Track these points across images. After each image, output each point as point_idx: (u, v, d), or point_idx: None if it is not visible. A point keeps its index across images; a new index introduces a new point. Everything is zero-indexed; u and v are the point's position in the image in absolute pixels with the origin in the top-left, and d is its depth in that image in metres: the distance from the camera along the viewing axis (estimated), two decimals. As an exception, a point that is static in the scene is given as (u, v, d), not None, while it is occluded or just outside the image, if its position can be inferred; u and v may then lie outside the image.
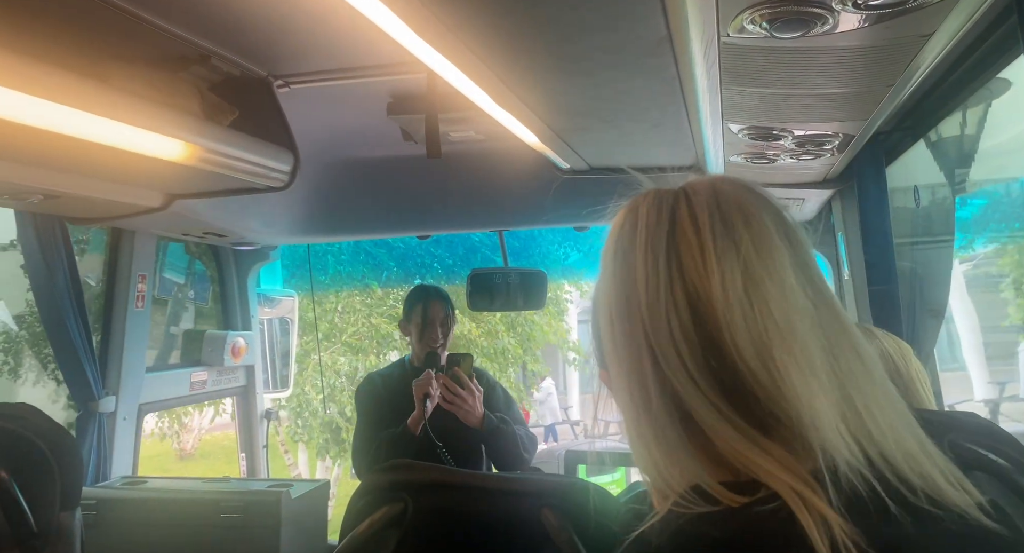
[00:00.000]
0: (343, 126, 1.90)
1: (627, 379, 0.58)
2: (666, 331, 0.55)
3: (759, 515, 0.51)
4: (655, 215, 0.60)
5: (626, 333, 0.58)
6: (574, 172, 1.90)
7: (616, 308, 0.59)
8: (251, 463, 2.94)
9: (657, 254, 0.57)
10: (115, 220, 2.09)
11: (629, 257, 0.59)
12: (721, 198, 0.59)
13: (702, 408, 0.54)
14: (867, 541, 0.48)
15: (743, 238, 0.57)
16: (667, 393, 0.55)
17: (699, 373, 0.54)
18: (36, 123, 1.09)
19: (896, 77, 0.93)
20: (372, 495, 1.01)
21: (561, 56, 0.97)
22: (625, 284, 0.59)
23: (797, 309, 0.55)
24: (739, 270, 0.55)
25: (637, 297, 0.57)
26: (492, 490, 0.99)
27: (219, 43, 1.39)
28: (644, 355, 0.56)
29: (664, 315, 0.55)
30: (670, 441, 0.56)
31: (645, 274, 0.57)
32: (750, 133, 1.28)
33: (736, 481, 0.54)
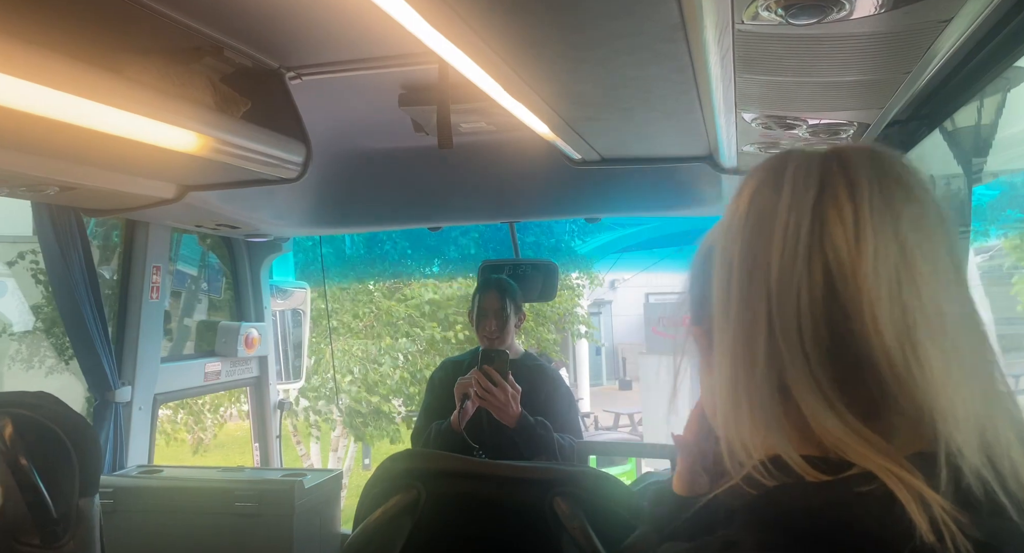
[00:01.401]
0: (355, 117, 1.90)
1: (733, 341, 0.56)
2: (793, 302, 0.53)
3: (851, 491, 0.50)
4: (803, 177, 0.55)
5: (746, 296, 0.55)
6: (585, 163, 1.90)
7: (741, 268, 0.56)
8: (264, 453, 2.96)
9: (801, 219, 0.54)
10: (129, 212, 2.11)
11: (767, 217, 0.55)
12: (881, 168, 0.56)
13: (804, 386, 0.52)
14: (970, 526, 0.47)
15: (903, 214, 0.53)
16: (774, 364, 0.53)
17: (814, 350, 0.52)
18: (51, 115, 1.10)
19: (913, 64, 0.92)
20: (386, 483, 1.02)
21: (574, 44, 0.96)
22: (756, 245, 0.55)
23: (948, 297, 0.52)
24: (895, 247, 0.52)
25: (768, 260, 0.54)
26: (504, 478, 1.00)
27: (232, 35, 1.40)
28: (760, 321, 0.54)
29: (795, 284, 0.53)
30: (765, 410, 0.54)
31: (783, 238, 0.54)
32: (764, 122, 1.27)
33: (822, 457, 0.52)
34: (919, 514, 0.47)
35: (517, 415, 2.17)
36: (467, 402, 2.17)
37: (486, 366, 2.21)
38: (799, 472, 0.52)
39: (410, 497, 1.01)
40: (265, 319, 2.98)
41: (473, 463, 1.04)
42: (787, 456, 0.53)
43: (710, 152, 1.75)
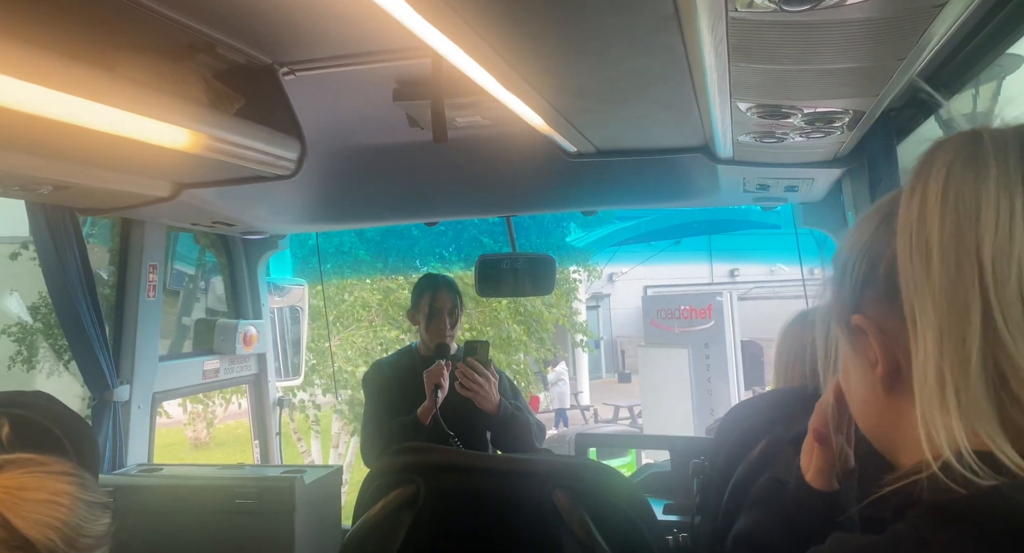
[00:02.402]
0: (349, 113, 1.90)
1: (938, 330, 0.52)
2: (1015, 282, 0.50)
3: None
4: (1005, 151, 0.53)
5: (953, 279, 0.52)
6: (581, 156, 1.90)
7: (944, 250, 0.53)
8: (264, 450, 2.96)
9: (1014, 195, 0.51)
10: (124, 210, 2.10)
11: (970, 192, 0.53)
12: None
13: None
14: None
15: None
16: (989, 349, 0.51)
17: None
18: (44, 113, 1.10)
19: (907, 50, 0.92)
20: (385, 478, 1.02)
21: (568, 36, 0.96)
22: (962, 225, 0.52)
23: None
24: None
25: (977, 240, 0.51)
26: (504, 471, 1.00)
27: (224, 31, 1.39)
28: (974, 306, 0.51)
29: (1015, 264, 0.50)
30: (976, 403, 0.51)
31: (996, 216, 0.51)
32: (759, 111, 1.27)
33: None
34: None
35: (497, 402, 2.27)
36: (439, 393, 2.22)
37: (470, 358, 2.27)
38: (1017, 471, 0.49)
39: (409, 491, 1.01)
40: (263, 316, 2.97)
41: (473, 457, 1.04)
42: (1001, 452, 0.49)
43: (705, 142, 1.75)
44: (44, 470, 0.97)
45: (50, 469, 0.97)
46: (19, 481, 0.94)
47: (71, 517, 0.96)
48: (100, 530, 1.01)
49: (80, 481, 0.99)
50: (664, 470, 2.05)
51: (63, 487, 0.97)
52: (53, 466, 0.98)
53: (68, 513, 0.96)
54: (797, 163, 1.83)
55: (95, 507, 1.00)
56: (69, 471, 0.99)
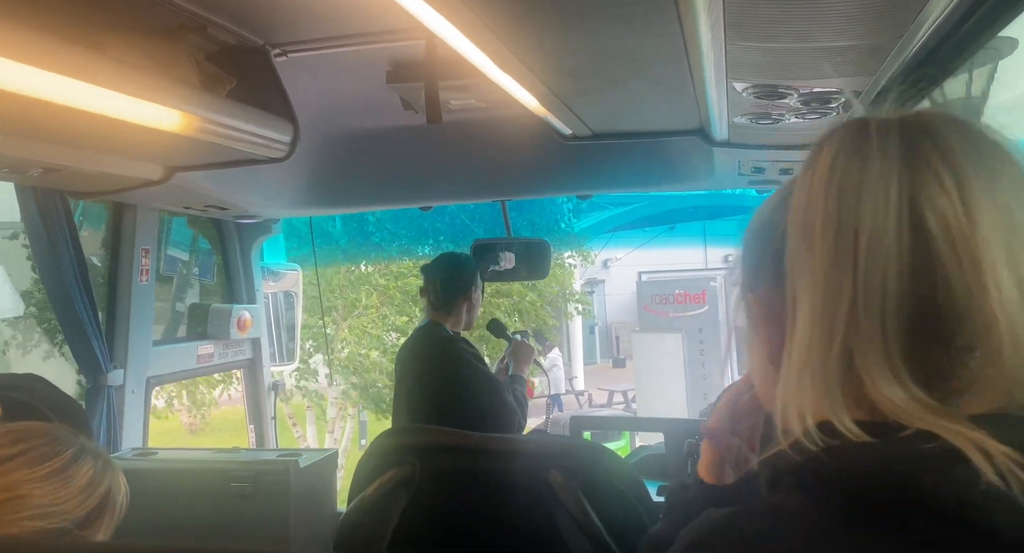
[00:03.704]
0: (342, 96, 1.88)
1: (813, 309, 0.54)
2: (880, 269, 0.52)
3: (910, 448, 0.50)
4: (886, 141, 0.54)
5: (831, 263, 0.54)
6: (577, 138, 1.89)
7: (824, 235, 0.54)
8: (260, 434, 2.97)
9: (890, 182, 0.52)
10: (116, 194, 2.09)
11: (852, 181, 0.54)
12: (972, 132, 0.54)
13: (873, 355, 0.52)
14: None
15: (1003, 178, 0.53)
16: (849, 332, 0.53)
17: (892, 319, 0.52)
18: (33, 94, 1.08)
19: (905, 27, 0.91)
20: (380, 458, 1.02)
21: (562, 13, 0.95)
22: (843, 211, 0.54)
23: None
24: (998, 213, 0.51)
25: (857, 225, 0.53)
26: (499, 452, 1.00)
27: (215, 12, 1.37)
28: (845, 289, 0.53)
29: (884, 253, 0.52)
30: (828, 378, 0.53)
31: (873, 204, 0.52)
32: (755, 91, 1.26)
33: (873, 421, 0.52)
34: (984, 462, 0.47)
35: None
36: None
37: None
38: (849, 436, 0.51)
39: (405, 472, 1.01)
40: (257, 301, 2.97)
41: (468, 437, 1.05)
42: (838, 421, 0.52)
43: (701, 125, 1.75)
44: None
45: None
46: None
47: (39, 499, 0.91)
48: (84, 480, 0.95)
49: (30, 456, 0.92)
50: (659, 452, 2.06)
51: (14, 478, 0.90)
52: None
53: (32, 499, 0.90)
54: (792, 145, 1.82)
55: (59, 472, 0.93)
56: (13, 452, 0.92)
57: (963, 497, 0.47)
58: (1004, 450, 0.47)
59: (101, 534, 0.97)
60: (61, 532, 0.92)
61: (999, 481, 0.46)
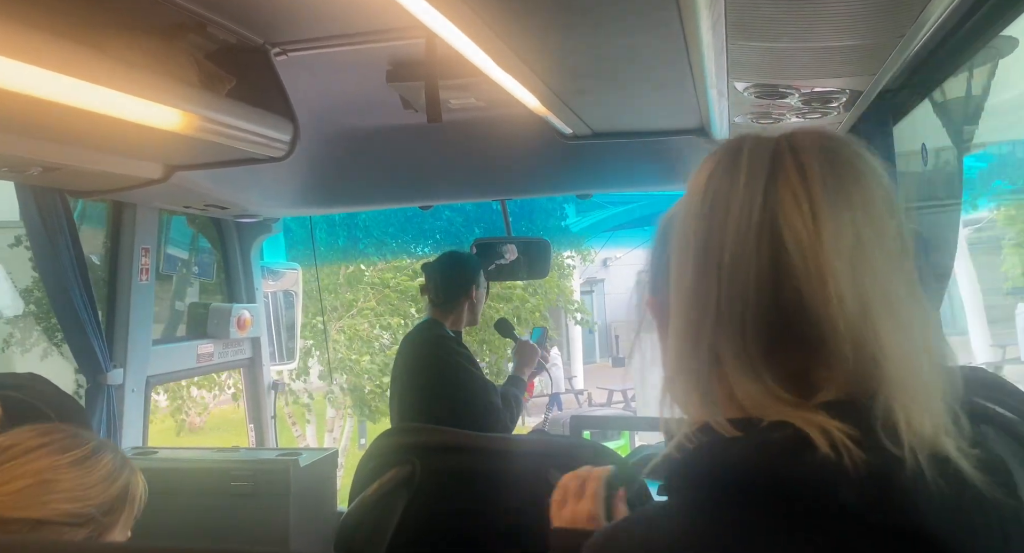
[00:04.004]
0: (342, 95, 1.88)
1: (685, 316, 0.59)
2: (742, 279, 0.56)
3: (763, 438, 0.54)
4: (756, 160, 0.59)
5: (700, 272, 0.58)
6: (577, 138, 1.89)
7: (696, 245, 0.59)
8: (260, 434, 2.97)
9: (754, 201, 0.57)
10: (115, 193, 2.08)
11: (722, 198, 0.58)
12: (832, 152, 0.59)
13: (735, 357, 0.56)
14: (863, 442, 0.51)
15: (854, 195, 0.57)
16: (715, 337, 0.57)
17: (753, 325, 0.56)
18: (32, 92, 1.08)
19: (906, 27, 0.91)
20: (381, 458, 1.02)
21: (563, 11, 0.95)
22: (712, 224, 0.58)
23: (896, 278, 0.56)
24: (849, 227, 0.56)
25: (723, 239, 0.57)
26: (499, 451, 1.00)
27: (215, 10, 1.37)
28: (711, 296, 0.57)
29: (746, 263, 0.56)
30: (701, 380, 0.58)
31: (738, 218, 0.57)
32: (756, 91, 1.26)
33: (742, 418, 0.56)
34: (821, 439, 0.51)
35: None
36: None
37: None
38: (720, 433, 0.56)
39: (405, 471, 1.01)
40: (257, 300, 2.97)
41: (468, 437, 1.05)
42: (713, 421, 0.57)
43: (702, 124, 1.74)
44: (12, 455, 0.95)
45: (21, 449, 0.96)
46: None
47: (66, 483, 0.95)
48: (106, 469, 1.01)
49: (55, 446, 0.98)
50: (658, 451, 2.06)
51: (41, 464, 0.95)
52: (21, 445, 0.96)
53: (61, 483, 0.95)
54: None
55: (83, 460, 0.99)
56: (40, 442, 0.97)
57: (813, 477, 0.51)
58: (839, 426, 0.52)
59: (120, 525, 1.01)
60: (86, 518, 0.96)
61: (832, 453, 0.51)
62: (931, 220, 1.91)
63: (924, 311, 0.57)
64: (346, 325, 7.70)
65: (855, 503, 0.50)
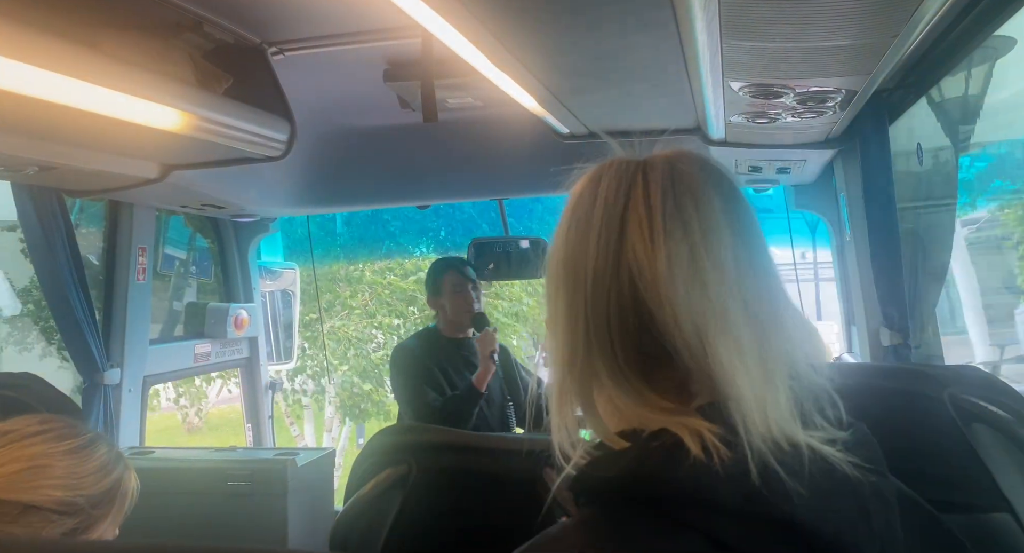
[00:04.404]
0: (339, 94, 1.88)
1: (560, 342, 0.62)
2: (604, 304, 0.59)
3: (644, 447, 0.56)
4: (614, 191, 0.62)
5: (569, 301, 0.61)
6: (574, 137, 1.89)
7: (564, 275, 0.62)
8: (257, 433, 2.97)
9: (610, 231, 0.60)
10: (112, 192, 2.08)
11: (584, 230, 0.61)
12: (677, 178, 0.61)
13: (611, 376, 0.59)
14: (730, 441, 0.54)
15: (692, 221, 0.59)
16: (589, 359, 0.60)
17: (621, 345, 0.59)
18: (28, 92, 1.08)
19: (900, 27, 0.91)
20: (376, 457, 1.02)
21: (559, 11, 0.95)
22: (576, 254, 0.61)
23: (732, 295, 0.59)
24: (686, 252, 0.59)
25: (585, 269, 0.60)
26: (494, 450, 1.00)
27: (212, 10, 1.37)
28: (579, 322, 0.60)
29: (606, 289, 0.59)
30: (584, 400, 0.61)
31: (596, 249, 0.60)
32: (751, 91, 1.26)
33: (631, 430, 0.59)
34: (691, 440, 0.54)
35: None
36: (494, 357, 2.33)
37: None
38: (610, 445, 0.58)
39: (400, 471, 1.01)
40: (255, 300, 2.96)
41: (464, 436, 1.05)
42: (604, 436, 0.59)
43: (698, 123, 1.75)
44: (9, 440, 0.97)
45: (19, 434, 0.97)
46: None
47: (59, 471, 0.97)
48: (99, 462, 1.02)
49: (52, 434, 0.99)
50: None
51: (37, 449, 0.97)
52: (19, 431, 0.98)
53: (53, 469, 0.96)
54: (789, 144, 1.82)
55: (78, 449, 1.00)
56: (38, 430, 0.99)
57: (688, 479, 0.53)
58: (710, 427, 0.55)
59: (109, 520, 1.01)
60: (76, 507, 0.97)
61: (702, 455, 0.53)
62: (927, 220, 1.91)
63: (763, 325, 0.59)
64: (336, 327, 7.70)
65: (726, 500, 0.53)
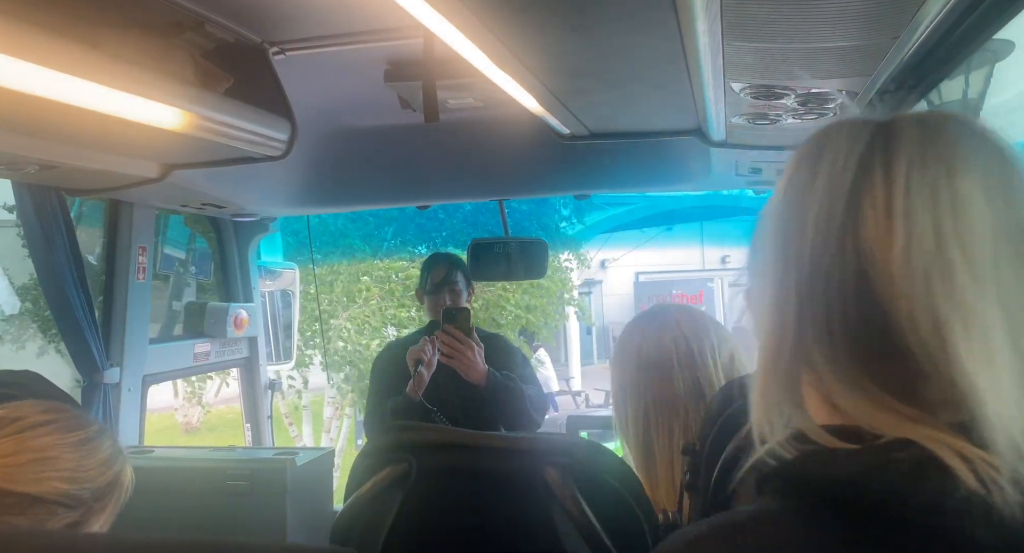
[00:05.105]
0: (340, 94, 1.88)
1: (767, 320, 0.55)
2: (822, 285, 0.51)
3: (885, 456, 0.48)
4: (843, 157, 0.52)
5: (780, 277, 0.53)
6: (574, 138, 1.89)
7: (774, 248, 0.54)
8: (256, 433, 2.97)
9: (835, 203, 0.51)
10: (112, 191, 2.08)
11: (801, 202, 0.53)
12: (928, 143, 0.51)
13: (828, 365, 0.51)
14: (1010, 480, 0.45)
15: (941, 197, 0.49)
16: (801, 343, 0.52)
17: (840, 332, 0.51)
18: (28, 90, 1.08)
19: (902, 28, 0.92)
20: (375, 456, 1.02)
21: (561, 11, 0.95)
22: (791, 222, 0.53)
23: (986, 292, 0.48)
24: (930, 236, 0.49)
25: (802, 241, 0.52)
26: (495, 449, 1.00)
27: (213, 9, 1.37)
28: (791, 302, 0.52)
29: (825, 269, 0.51)
30: (791, 388, 0.54)
31: (816, 219, 0.51)
32: (752, 92, 1.26)
33: (845, 426, 0.51)
34: (963, 468, 0.45)
35: (485, 372, 2.23)
36: (421, 368, 2.22)
37: (448, 325, 2.24)
38: (821, 442, 0.51)
39: (400, 470, 1.01)
40: (254, 300, 2.96)
41: (464, 434, 1.05)
42: (808, 429, 0.52)
43: (699, 125, 1.75)
44: (18, 428, 0.96)
45: (27, 423, 0.97)
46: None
47: (66, 463, 0.97)
48: (104, 455, 1.02)
49: (60, 425, 0.99)
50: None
51: (45, 441, 0.96)
52: (27, 419, 0.97)
53: (61, 462, 0.96)
54: (790, 146, 1.82)
55: (85, 442, 1.00)
56: (44, 420, 0.99)
57: (938, 505, 0.46)
58: (983, 455, 0.46)
59: (108, 512, 1.02)
60: (79, 500, 0.97)
61: (980, 487, 0.45)
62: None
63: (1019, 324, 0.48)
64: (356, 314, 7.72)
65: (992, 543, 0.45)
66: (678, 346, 1.18)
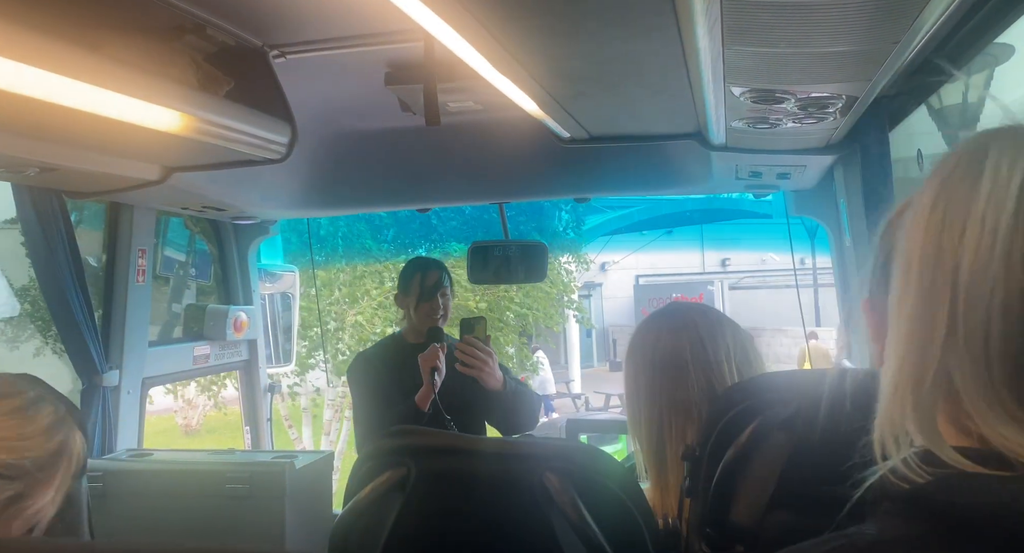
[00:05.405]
0: (341, 97, 1.88)
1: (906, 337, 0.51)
2: (984, 308, 0.47)
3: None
4: (1008, 161, 0.48)
5: (927, 292, 0.50)
6: (575, 141, 1.89)
7: (923, 261, 0.50)
8: (255, 436, 2.96)
9: (1000, 211, 0.47)
10: (113, 194, 2.08)
11: (959, 208, 0.49)
12: None
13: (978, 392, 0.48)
14: None
15: None
16: (946, 366, 0.49)
17: (998, 355, 0.47)
18: (29, 93, 1.08)
19: (901, 34, 0.92)
20: (375, 461, 1.02)
21: (562, 16, 0.95)
22: (943, 238, 0.49)
23: None
24: None
25: (958, 254, 0.48)
26: (495, 454, 1.00)
27: (214, 12, 1.37)
28: (940, 320, 0.49)
29: (989, 284, 0.47)
30: (925, 409, 0.50)
31: (979, 232, 0.47)
32: (752, 96, 1.26)
33: (982, 449, 0.48)
34: None
35: (502, 378, 2.23)
36: (437, 378, 2.19)
37: (468, 335, 2.24)
38: (957, 466, 0.48)
39: (400, 474, 1.01)
40: (254, 302, 2.96)
41: (464, 439, 1.05)
42: (939, 451, 0.49)
43: (699, 129, 1.75)
44: None
45: None
46: None
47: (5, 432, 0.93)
48: (44, 422, 0.97)
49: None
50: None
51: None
52: None
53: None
54: (790, 150, 1.83)
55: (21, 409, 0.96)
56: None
57: None
58: None
59: (57, 482, 0.97)
60: (21, 470, 0.92)
61: None
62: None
63: None
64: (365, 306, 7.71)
65: None
66: (694, 347, 1.17)
